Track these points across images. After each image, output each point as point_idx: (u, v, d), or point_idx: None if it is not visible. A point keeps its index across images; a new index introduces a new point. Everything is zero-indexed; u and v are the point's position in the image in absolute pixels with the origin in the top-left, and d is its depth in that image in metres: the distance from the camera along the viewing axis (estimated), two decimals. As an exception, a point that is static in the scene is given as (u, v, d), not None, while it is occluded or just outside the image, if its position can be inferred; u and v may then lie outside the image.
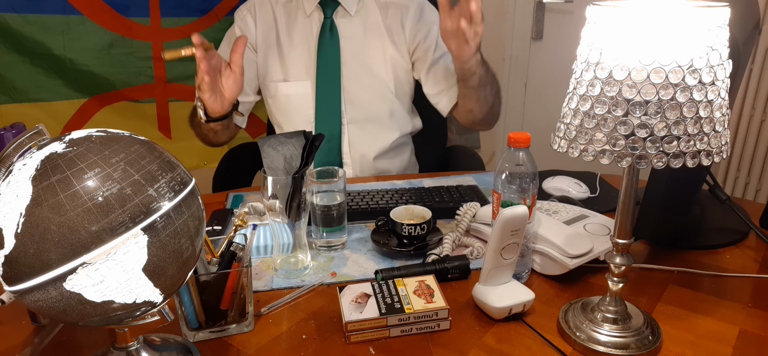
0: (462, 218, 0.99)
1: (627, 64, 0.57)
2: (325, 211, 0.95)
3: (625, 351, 0.70)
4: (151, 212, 0.52)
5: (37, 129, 0.62)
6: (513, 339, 0.74)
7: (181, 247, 0.55)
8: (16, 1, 1.50)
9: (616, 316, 0.72)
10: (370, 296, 0.77)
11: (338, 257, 0.95)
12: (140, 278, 0.53)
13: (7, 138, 0.76)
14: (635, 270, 0.89)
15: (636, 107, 0.57)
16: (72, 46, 1.59)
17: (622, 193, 0.68)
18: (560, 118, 0.66)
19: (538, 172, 0.82)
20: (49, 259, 0.49)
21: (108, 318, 0.55)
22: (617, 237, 0.70)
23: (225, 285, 0.74)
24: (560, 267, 0.85)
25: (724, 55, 0.59)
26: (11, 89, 1.57)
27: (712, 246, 0.96)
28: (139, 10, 1.67)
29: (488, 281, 0.78)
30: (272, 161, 0.90)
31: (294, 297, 0.83)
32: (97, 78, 1.66)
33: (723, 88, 0.59)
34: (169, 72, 1.76)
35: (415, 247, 0.94)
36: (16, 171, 0.51)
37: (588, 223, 0.94)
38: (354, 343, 0.73)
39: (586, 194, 1.18)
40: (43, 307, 0.52)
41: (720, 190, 1.01)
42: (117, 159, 0.53)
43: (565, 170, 1.26)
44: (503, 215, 0.72)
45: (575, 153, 0.62)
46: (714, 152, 0.60)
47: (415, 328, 0.75)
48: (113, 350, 0.65)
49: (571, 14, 2.43)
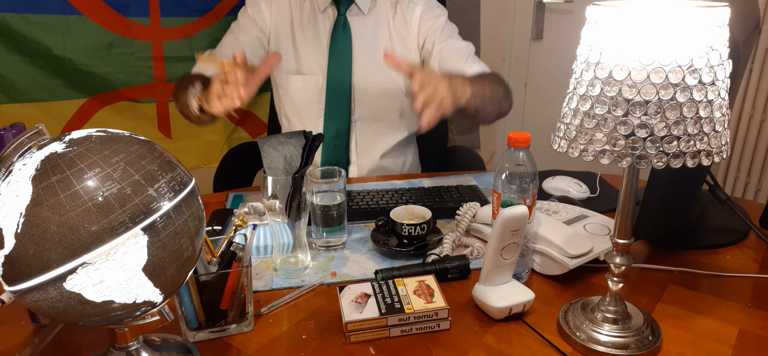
0: (462, 218, 0.99)
1: (627, 64, 0.57)
2: (325, 211, 0.95)
3: (625, 351, 0.70)
4: (151, 212, 0.52)
5: (37, 129, 0.62)
6: (513, 339, 0.74)
7: (181, 247, 0.55)
8: (16, 1, 1.50)
9: (616, 316, 0.72)
10: (370, 296, 0.77)
11: (338, 257, 0.95)
12: (140, 278, 0.53)
13: (7, 138, 0.76)
14: (635, 270, 0.89)
15: (636, 107, 0.57)
16: (72, 46, 1.60)
17: (622, 193, 0.68)
18: (560, 118, 0.66)
19: (538, 172, 0.82)
20: (49, 259, 0.49)
21: (108, 318, 0.55)
22: (617, 237, 0.70)
23: (225, 285, 0.74)
24: (560, 266, 0.85)
25: (724, 55, 0.59)
26: (11, 89, 1.57)
27: (712, 246, 0.96)
28: (139, 10, 1.67)
29: (488, 281, 0.78)
30: (272, 161, 0.90)
31: (294, 297, 0.83)
32: (97, 78, 1.66)
33: (723, 88, 0.59)
34: (169, 72, 1.76)
35: (415, 247, 0.94)
36: (16, 171, 0.51)
37: (588, 223, 0.94)
38: (354, 343, 0.73)
39: (586, 194, 1.18)
40: (43, 307, 0.52)
41: (720, 190, 1.01)
42: (117, 159, 0.53)
43: (565, 170, 1.26)
44: (503, 215, 0.72)
45: (575, 153, 0.62)
46: (714, 152, 0.60)
47: (415, 328, 0.75)
48: (113, 350, 0.65)
49: (571, 14, 2.43)
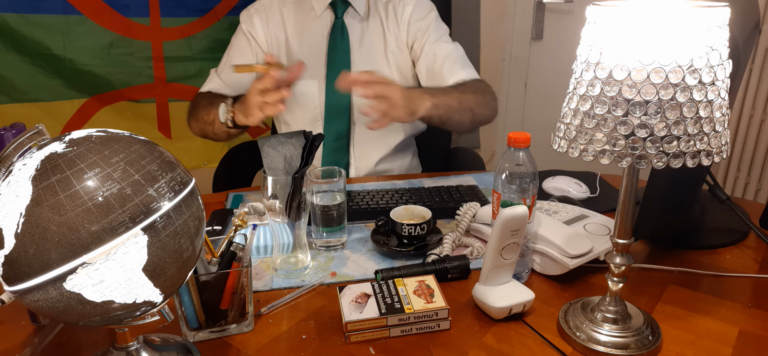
0: (462, 218, 0.99)
1: (627, 64, 0.57)
2: (325, 211, 0.95)
3: (625, 351, 0.70)
4: (151, 212, 0.52)
5: (37, 129, 0.62)
6: (513, 339, 0.74)
7: (181, 247, 0.55)
8: (16, 1, 1.50)
9: (616, 316, 0.72)
10: (370, 296, 0.77)
11: (338, 257, 0.95)
12: (140, 278, 0.53)
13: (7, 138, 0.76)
14: (635, 270, 0.89)
15: (636, 107, 0.57)
16: (72, 46, 1.59)
17: (622, 193, 0.68)
18: (560, 118, 0.66)
19: (538, 172, 0.82)
20: (49, 259, 0.49)
21: (108, 318, 0.55)
22: (617, 237, 0.70)
23: (225, 285, 0.74)
24: (560, 267, 0.85)
25: (724, 55, 0.59)
26: (11, 88, 1.57)
27: (712, 246, 0.96)
28: (139, 10, 1.67)
29: (488, 281, 0.78)
30: (272, 161, 0.90)
31: (294, 297, 0.83)
32: (97, 78, 1.66)
33: (723, 88, 0.59)
34: (169, 72, 1.76)
35: (415, 247, 0.94)
36: (16, 171, 0.51)
37: (588, 223, 0.94)
38: (354, 343, 0.73)
39: (586, 194, 1.18)
40: (43, 307, 0.52)
41: (720, 190, 1.01)
42: (117, 159, 0.53)
43: (565, 170, 1.26)
44: (503, 215, 0.72)
45: (575, 153, 0.62)
46: (714, 152, 0.60)
47: (415, 328, 0.75)
48: (113, 350, 0.65)
49: (571, 14, 2.43)
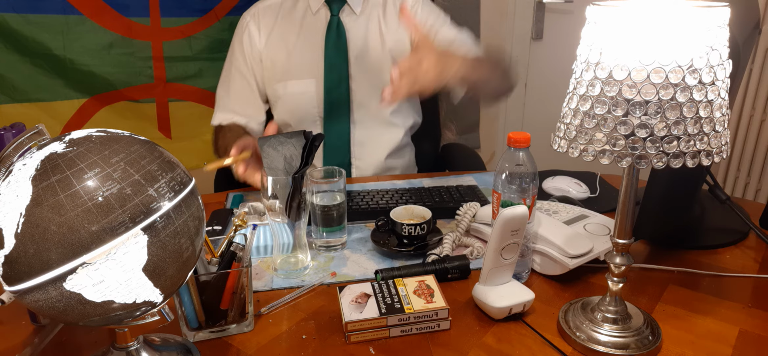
0: (462, 218, 0.99)
1: (627, 64, 0.57)
2: (325, 211, 0.95)
3: (625, 351, 0.70)
4: (151, 212, 0.52)
5: (37, 129, 0.62)
6: (513, 339, 0.74)
7: (181, 247, 0.55)
8: (16, 1, 1.50)
9: (616, 316, 0.72)
10: (370, 296, 0.77)
11: (338, 257, 0.95)
12: (140, 278, 0.53)
13: (7, 138, 0.76)
14: (635, 270, 0.89)
15: (636, 107, 0.57)
16: (72, 46, 1.59)
17: (622, 193, 0.68)
18: (560, 118, 0.66)
19: (538, 172, 0.82)
20: (49, 259, 0.49)
21: (108, 318, 0.55)
22: (617, 237, 0.70)
23: (225, 285, 0.74)
24: (560, 267, 0.85)
25: (724, 55, 0.59)
26: (11, 88, 1.57)
27: (712, 246, 0.96)
28: (139, 10, 1.67)
29: (488, 281, 0.78)
30: (272, 161, 0.90)
31: (294, 297, 0.83)
32: (97, 78, 1.66)
33: (723, 88, 0.59)
34: (169, 72, 1.76)
35: (415, 247, 0.94)
36: (16, 171, 0.51)
37: (588, 223, 0.94)
38: (354, 343, 0.73)
39: (586, 194, 1.18)
40: (43, 307, 0.52)
41: (720, 190, 1.01)
42: (117, 159, 0.53)
43: (565, 170, 1.26)
44: (503, 215, 0.72)
45: (575, 153, 0.62)
46: (714, 152, 0.60)
47: (415, 328, 0.75)
48: (113, 350, 0.65)
49: (571, 14, 2.43)
